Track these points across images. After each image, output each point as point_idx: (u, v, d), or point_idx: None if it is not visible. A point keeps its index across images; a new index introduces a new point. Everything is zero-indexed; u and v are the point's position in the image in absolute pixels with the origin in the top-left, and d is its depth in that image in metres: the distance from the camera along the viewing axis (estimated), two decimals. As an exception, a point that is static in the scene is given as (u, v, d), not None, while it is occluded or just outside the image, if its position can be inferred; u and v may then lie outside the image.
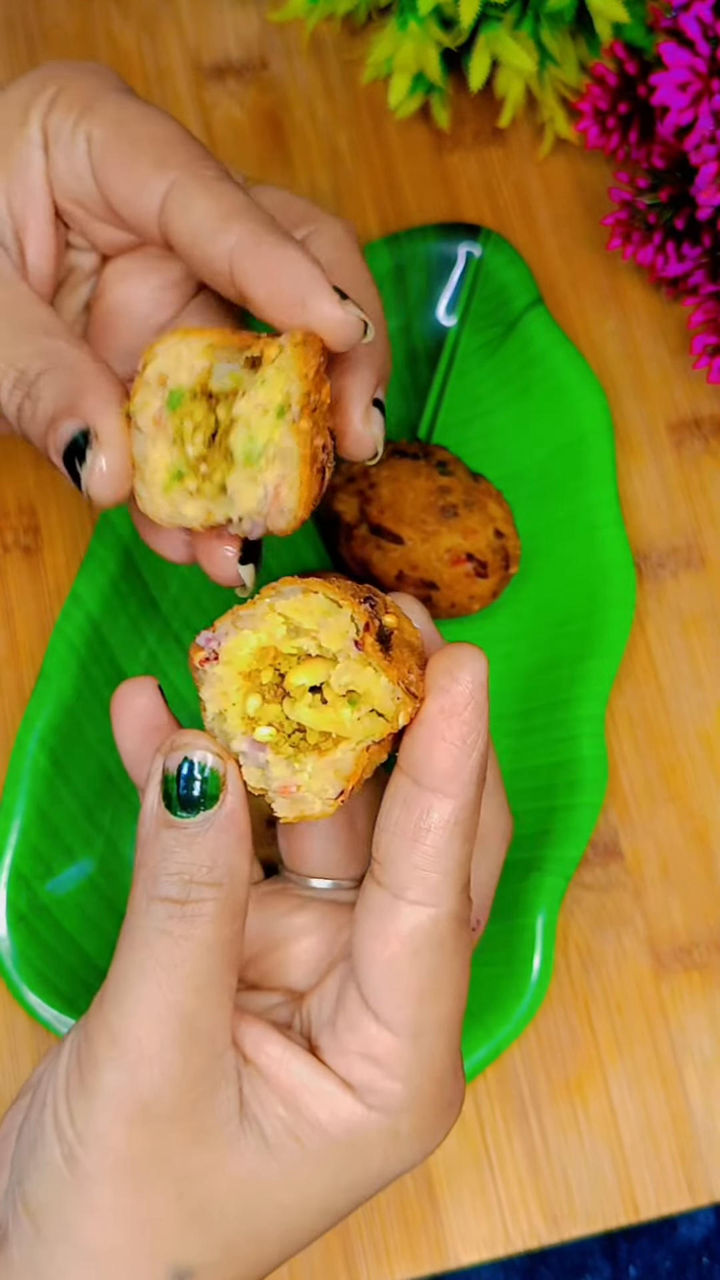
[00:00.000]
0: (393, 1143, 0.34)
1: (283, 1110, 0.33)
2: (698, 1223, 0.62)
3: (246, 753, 0.32)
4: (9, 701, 0.50)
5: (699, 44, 0.45)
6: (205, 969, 0.32)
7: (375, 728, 0.31)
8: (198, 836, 0.32)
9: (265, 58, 0.57)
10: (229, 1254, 0.33)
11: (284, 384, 0.33)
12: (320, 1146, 0.33)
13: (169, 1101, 0.32)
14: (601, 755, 0.48)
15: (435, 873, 0.32)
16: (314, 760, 0.31)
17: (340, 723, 0.31)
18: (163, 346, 0.34)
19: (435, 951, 0.32)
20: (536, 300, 0.52)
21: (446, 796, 0.32)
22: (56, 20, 0.57)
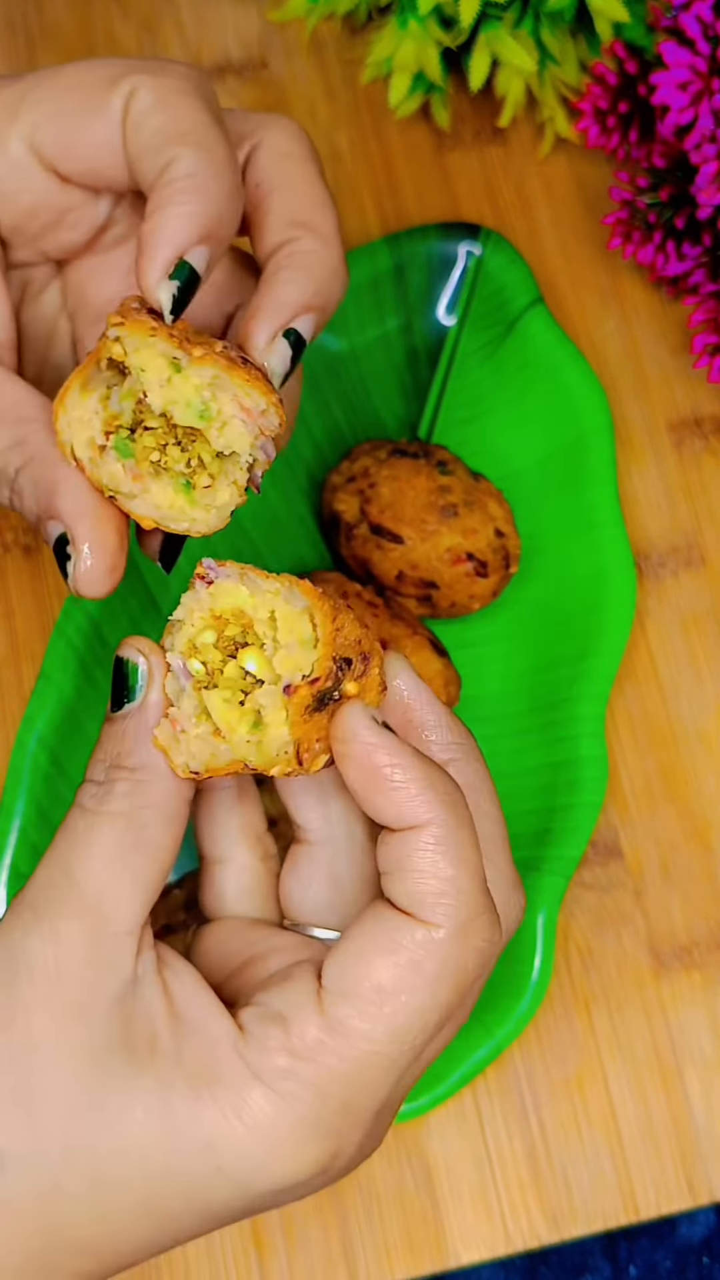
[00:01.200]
0: (236, 1115, 0.31)
1: (160, 1018, 0.32)
2: (698, 1222, 0.62)
3: (176, 668, 0.33)
4: (9, 700, 0.50)
5: (699, 43, 0.45)
6: (108, 843, 0.32)
7: (251, 755, 0.32)
8: (122, 726, 0.33)
9: (265, 57, 0.57)
10: (38, 1151, 0.31)
11: (149, 352, 0.33)
12: (167, 1068, 0.31)
13: (36, 955, 0.32)
14: (602, 755, 0.48)
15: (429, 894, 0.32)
16: (207, 729, 0.33)
17: (233, 730, 0.32)
18: (61, 428, 0.34)
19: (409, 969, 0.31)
20: (537, 300, 0.52)
21: (417, 826, 0.32)
22: (56, 20, 0.57)
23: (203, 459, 0.34)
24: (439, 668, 0.46)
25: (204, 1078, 0.31)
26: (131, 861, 0.33)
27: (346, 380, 0.52)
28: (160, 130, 0.34)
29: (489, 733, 0.50)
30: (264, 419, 0.34)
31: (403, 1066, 0.32)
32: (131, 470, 0.34)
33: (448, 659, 0.47)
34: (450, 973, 0.32)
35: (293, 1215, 0.47)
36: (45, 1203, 0.31)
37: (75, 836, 0.33)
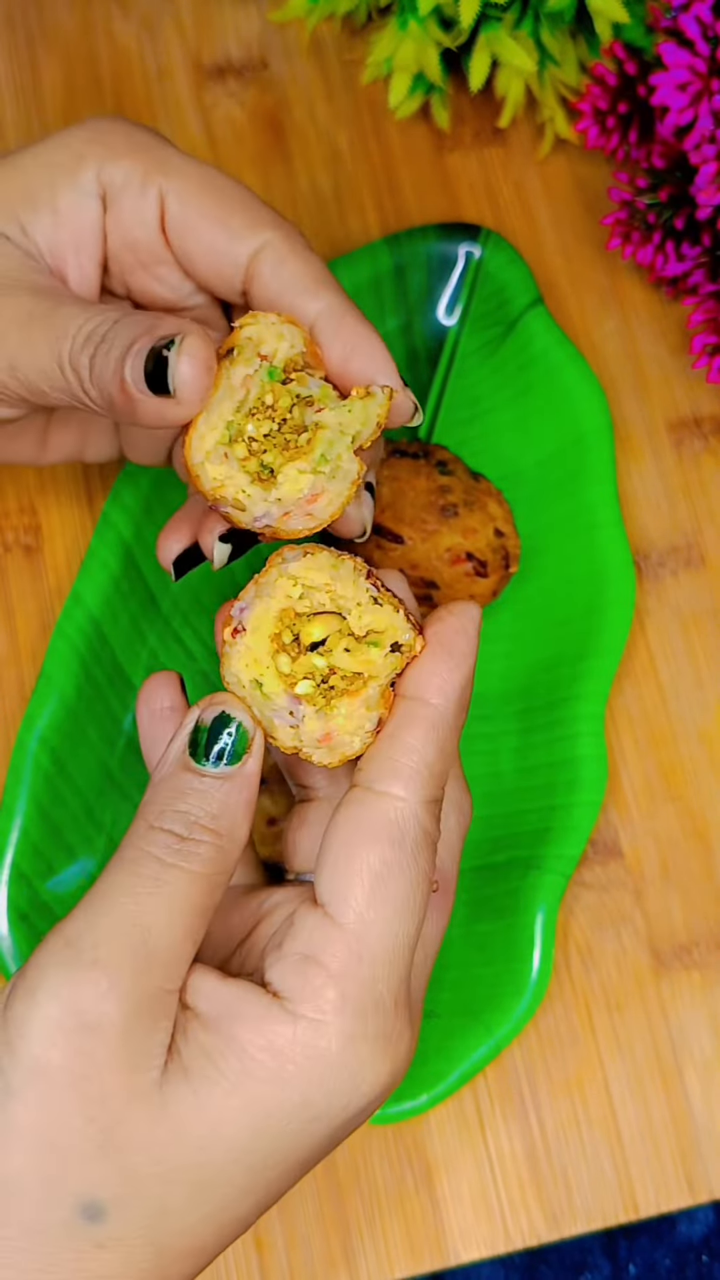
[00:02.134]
0: (316, 1065, 0.32)
1: (204, 1035, 0.33)
2: (697, 1220, 0.63)
3: (283, 709, 0.35)
4: (10, 700, 0.50)
5: (698, 44, 0.45)
6: (183, 901, 0.33)
7: (397, 661, 0.35)
8: (213, 786, 0.34)
9: (265, 58, 0.57)
10: (138, 1191, 0.32)
11: (365, 419, 0.36)
12: (236, 1067, 0.32)
13: (107, 1016, 0.32)
14: (601, 754, 0.48)
15: (406, 764, 0.34)
16: (347, 703, 0.34)
17: (371, 662, 0.34)
18: (261, 321, 0.37)
19: (393, 844, 0.33)
20: (536, 300, 0.52)
21: (424, 702, 0.34)
22: (57, 20, 0.57)
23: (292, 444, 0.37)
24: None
25: (274, 1052, 0.32)
26: (198, 923, 0.33)
27: (346, 380, 0.52)
28: (300, 276, 0.39)
29: (489, 731, 0.50)
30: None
31: (414, 941, 0.34)
32: (241, 453, 0.36)
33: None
34: (424, 840, 0.34)
35: (293, 1215, 0.47)
36: (153, 1230, 0.32)
37: (154, 887, 0.33)
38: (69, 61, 0.56)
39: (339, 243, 0.55)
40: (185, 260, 0.40)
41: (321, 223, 0.55)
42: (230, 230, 0.39)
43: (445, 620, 0.35)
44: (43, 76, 0.56)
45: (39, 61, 0.56)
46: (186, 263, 0.40)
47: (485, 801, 0.49)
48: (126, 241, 0.40)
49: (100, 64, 0.56)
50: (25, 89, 0.56)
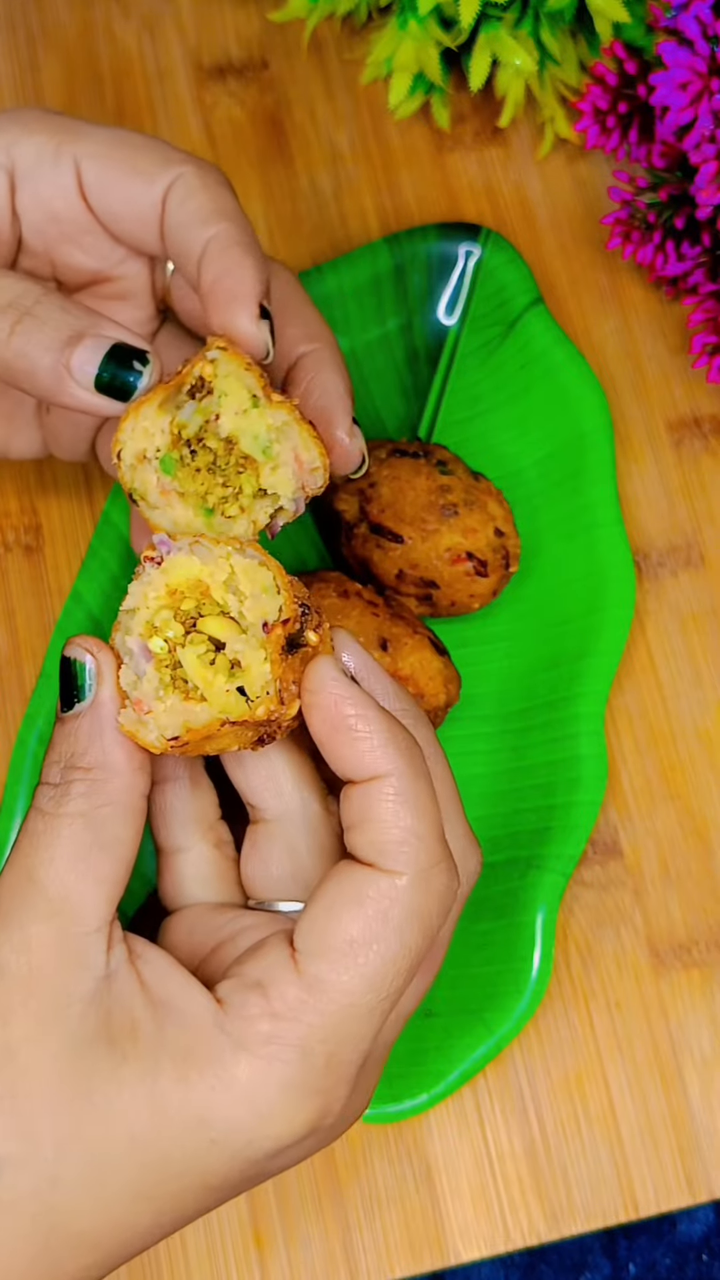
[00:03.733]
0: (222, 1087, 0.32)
1: (138, 1010, 0.33)
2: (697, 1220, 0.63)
3: (134, 653, 0.34)
4: (11, 700, 0.50)
5: (698, 44, 0.45)
6: (68, 845, 0.33)
7: (235, 707, 0.33)
8: (74, 725, 0.34)
9: (266, 58, 0.57)
10: (32, 1151, 0.32)
11: (236, 381, 0.36)
12: (151, 1056, 0.32)
13: (7, 961, 0.32)
14: (601, 753, 0.48)
15: (390, 838, 0.33)
16: (176, 699, 0.34)
17: (211, 685, 0.34)
18: (124, 434, 0.36)
19: (378, 917, 0.33)
20: (536, 300, 0.52)
21: (379, 778, 0.33)
22: (57, 20, 0.57)
23: (241, 491, 0.36)
24: (439, 667, 0.46)
25: (189, 1056, 0.32)
26: (94, 861, 0.33)
27: (347, 380, 0.52)
28: (203, 207, 0.38)
29: (489, 731, 0.50)
30: (311, 476, 0.36)
31: (381, 1015, 0.33)
32: (163, 486, 0.36)
33: (448, 658, 0.47)
34: (416, 917, 0.33)
35: (293, 1213, 0.47)
36: (43, 1199, 0.32)
37: (36, 840, 0.33)
38: (69, 61, 0.56)
39: (339, 243, 0.55)
40: (107, 218, 0.40)
41: (321, 223, 0.55)
42: (144, 174, 0.39)
43: (317, 695, 0.34)
44: (43, 76, 0.56)
45: (39, 61, 0.56)
46: (109, 220, 0.40)
47: (485, 801, 0.49)
48: (48, 214, 0.41)
49: (100, 64, 0.56)
50: (25, 89, 0.56)
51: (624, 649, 0.50)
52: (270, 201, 0.55)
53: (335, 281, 0.52)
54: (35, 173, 0.40)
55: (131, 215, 0.40)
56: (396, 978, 0.33)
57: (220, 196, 0.39)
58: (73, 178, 0.40)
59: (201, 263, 0.38)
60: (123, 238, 0.41)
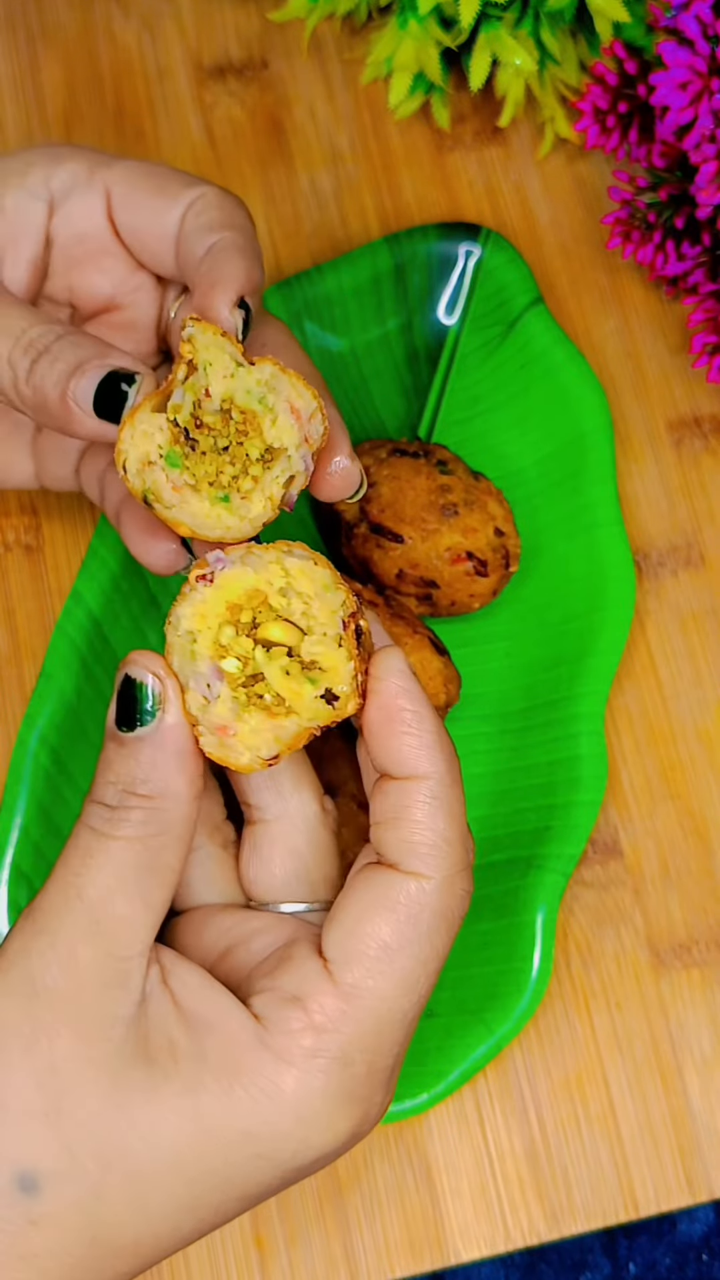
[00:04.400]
0: (268, 1101, 0.32)
1: (175, 1028, 0.33)
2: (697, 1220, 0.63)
3: (204, 675, 0.34)
4: (11, 699, 0.50)
5: (699, 43, 0.45)
6: (121, 868, 0.33)
7: (324, 713, 0.33)
8: (135, 749, 0.34)
9: (266, 57, 0.57)
10: (76, 1167, 0.32)
11: (217, 350, 0.36)
12: (193, 1072, 0.32)
13: (55, 981, 0.32)
14: (601, 753, 0.48)
15: (422, 841, 0.33)
16: (260, 718, 0.33)
17: (300, 696, 0.33)
18: (124, 443, 0.36)
19: (409, 920, 0.33)
20: (536, 299, 0.52)
21: (418, 778, 0.34)
22: (57, 20, 0.57)
23: (249, 459, 0.36)
24: (439, 667, 0.46)
25: (232, 1072, 0.32)
26: (144, 886, 0.33)
27: (347, 380, 0.52)
28: (214, 219, 0.40)
29: (489, 731, 0.50)
30: (310, 424, 0.36)
31: (414, 1018, 0.34)
32: (174, 482, 0.36)
33: (448, 658, 0.47)
34: (444, 920, 0.34)
35: (294, 1214, 0.47)
36: (86, 1213, 0.32)
37: (89, 859, 0.33)
38: (69, 61, 0.56)
39: (339, 242, 0.55)
40: (130, 237, 0.42)
41: (321, 222, 0.55)
42: (168, 194, 0.41)
43: (380, 683, 0.34)
44: (43, 76, 0.56)
45: (39, 61, 0.56)
46: (132, 239, 0.42)
47: (485, 801, 0.49)
48: (76, 235, 0.43)
49: (100, 64, 0.56)
50: (25, 89, 0.56)
51: (624, 649, 0.50)
52: (270, 201, 0.55)
53: (335, 281, 0.52)
54: (70, 196, 0.42)
55: (154, 234, 0.42)
56: (428, 978, 0.34)
57: (234, 213, 0.40)
58: (102, 200, 0.42)
59: (200, 262, 0.39)
60: (143, 257, 0.43)
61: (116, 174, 0.42)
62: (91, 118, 0.56)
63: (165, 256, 0.42)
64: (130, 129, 0.56)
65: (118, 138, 0.56)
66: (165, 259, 0.42)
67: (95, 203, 0.42)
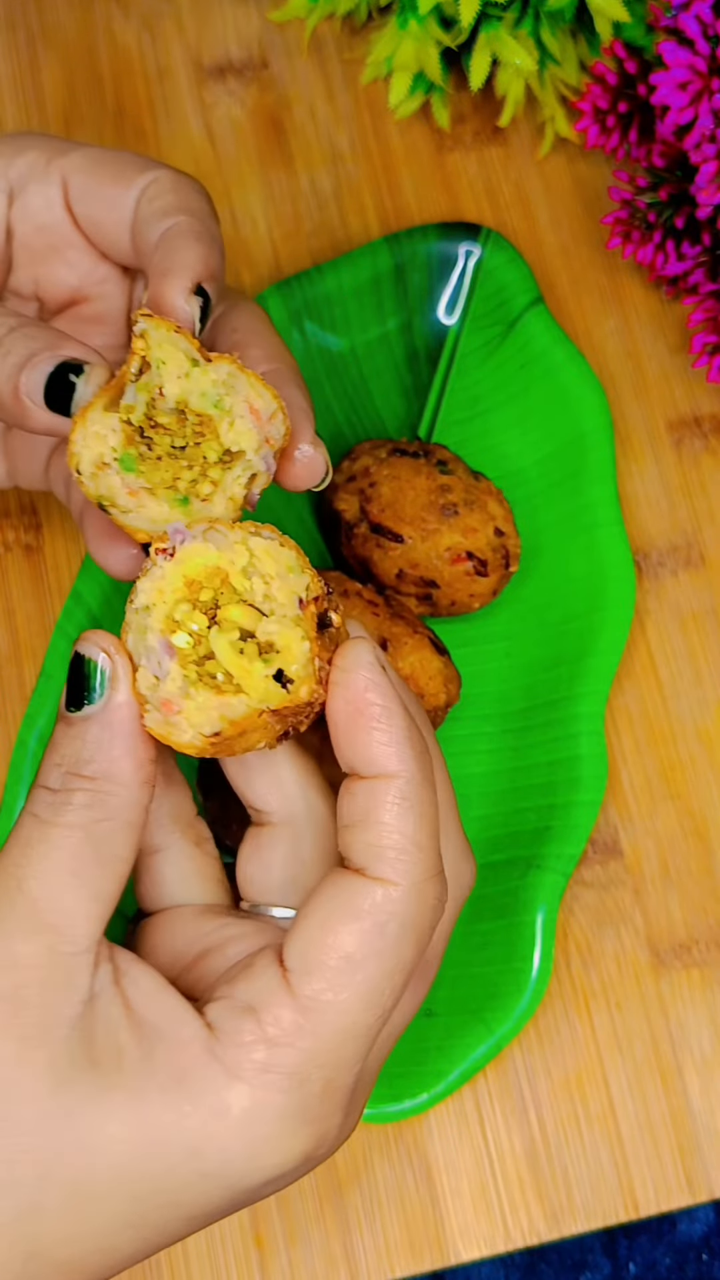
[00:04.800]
0: (215, 1118, 0.30)
1: (124, 1033, 0.31)
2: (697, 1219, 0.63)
3: (155, 650, 0.32)
4: (11, 699, 0.50)
5: (699, 43, 0.45)
6: (64, 857, 0.31)
7: (275, 694, 0.32)
8: (82, 729, 0.32)
9: (266, 57, 0.57)
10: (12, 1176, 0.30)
11: (170, 346, 0.34)
12: (139, 1082, 0.31)
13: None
14: (601, 753, 0.48)
15: (389, 845, 0.32)
16: (207, 695, 0.32)
17: (250, 673, 0.32)
18: (75, 445, 0.34)
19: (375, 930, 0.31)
20: (536, 299, 0.52)
21: (387, 777, 0.32)
22: (57, 20, 0.57)
23: (207, 462, 0.35)
24: (439, 666, 0.46)
25: (179, 1083, 0.31)
26: (89, 876, 0.32)
27: (347, 379, 0.52)
28: (169, 203, 0.39)
29: (489, 731, 0.50)
30: (271, 424, 0.35)
31: (374, 1033, 0.32)
32: (130, 486, 0.34)
33: (448, 658, 0.47)
34: (411, 930, 0.32)
35: (293, 1214, 0.47)
36: (24, 1226, 0.30)
37: (30, 849, 0.32)
38: (69, 61, 0.56)
39: (339, 242, 0.55)
40: (88, 226, 0.41)
41: (321, 222, 0.55)
42: (122, 180, 0.40)
43: (346, 675, 0.32)
44: (43, 76, 0.56)
45: (39, 61, 0.56)
46: (90, 228, 0.41)
47: (485, 801, 0.49)
48: (36, 226, 0.41)
49: (100, 64, 0.56)
50: (25, 89, 0.56)
51: (624, 649, 0.50)
52: (270, 201, 0.55)
53: (335, 281, 0.52)
54: (27, 187, 0.41)
55: (110, 219, 0.40)
56: (393, 993, 0.32)
57: (187, 196, 0.39)
58: (60, 190, 0.41)
59: (154, 250, 0.38)
60: (104, 247, 0.42)
61: (73, 162, 0.41)
62: (91, 118, 0.56)
63: (124, 245, 0.41)
64: (130, 129, 0.56)
65: (118, 138, 0.56)
66: (124, 247, 0.41)
67: (53, 193, 0.41)
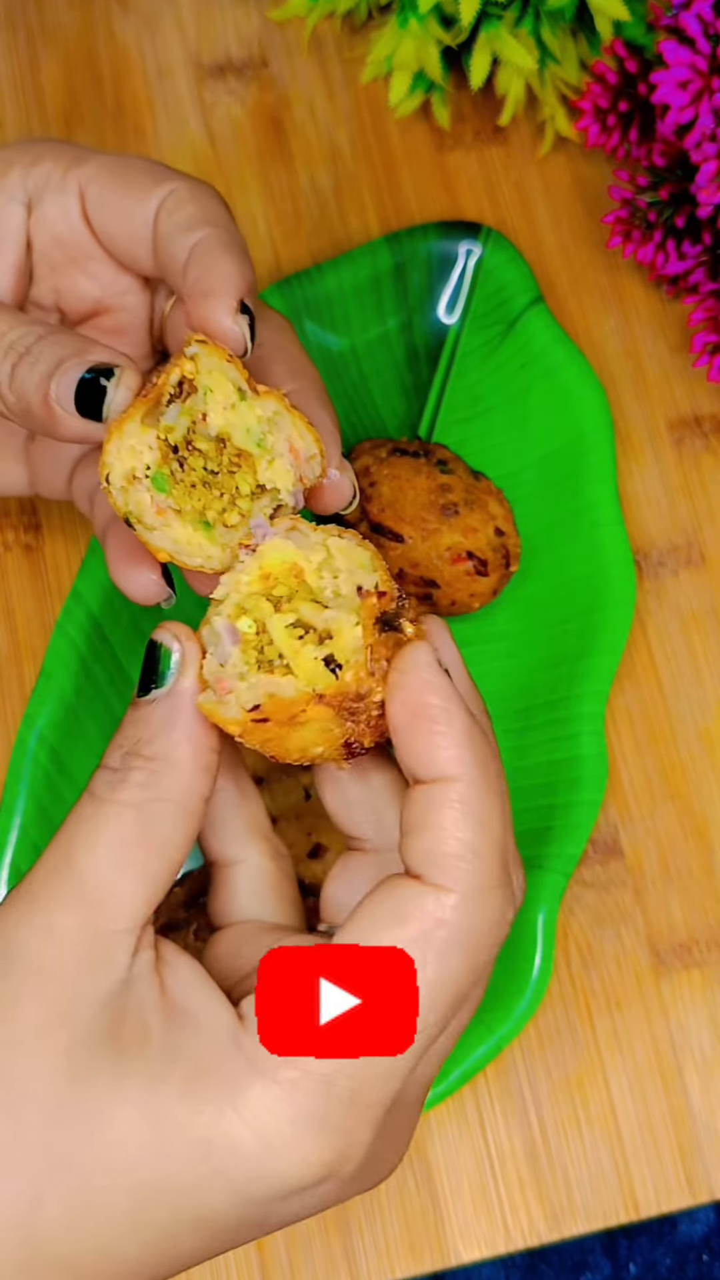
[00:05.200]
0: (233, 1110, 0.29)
1: (153, 1016, 0.31)
2: (698, 1220, 0.63)
3: (221, 636, 0.33)
4: (11, 699, 0.50)
5: (699, 42, 0.45)
6: (113, 835, 0.31)
7: (323, 677, 0.32)
8: (147, 713, 0.32)
9: (266, 56, 0.57)
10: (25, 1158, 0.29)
11: (220, 375, 0.34)
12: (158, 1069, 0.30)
13: (30, 947, 0.31)
14: (601, 753, 0.48)
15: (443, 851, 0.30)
16: (259, 675, 0.32)
17: (300, 654, 0.32)
18: (109, 455, 0.34)
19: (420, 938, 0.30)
20: (537, 299, 0.52)
21: (445, 779, 0.31)
22: (57, 19, 0.57)
23: (238, 493, 0.35)
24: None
25: (198, 1071, 0.30)
26: (138, 856, 0.31)
27: (347, 379, 0.52)
28: (190, 216, 0.38)
29: (489, 731, 0.50)
30: (308, 465, 0.35)
31: (416, 1051, 0.30)
32: (158, 504, 0.34)
33: (448, 657, 0.47)
34: (461, 943, 0.30)
35: (293, 1213, 0.47)
36: (27, 1215, 0.30)
37: (82, 824, 0.32)
38: (69, 61, 0.56)
39: (339, 241, 0.55)
40: (106, 238, 0.41)
41: (321, 221, 0.55)
42: (139, 190, 0.40)
43: (405, 676, 0.31)
44: (43, 76, 0.56)
45: (39, 61, 0.56)
46: (108, 240, 0.41)
47: (485, 800, 0.49)
48: (54, 237, 0.41)
49: (100, 63, 0.56)
50: (25, 88, 0.56)
51: (624, 649, 0.49)
52: (270, 200, 0.55)
53: (335, 280, 0.51)
54: (45, 198, 0.41)
55: (127, 233, 0.40)
56: (435, 1009, 0.30)
57: (209, 207, 0.39)
58: (77, 201, 0.41)
59: (186, 267, 0.38)
60: (121, 259, 0.41)
61: (89, 172, 0.40)
62: (91, 117, 0.56)
63: (142, 258, 0.40)
64: (130, 128, 0.56)
65: (117, 137, 0.56)
66: (142, 260, 0.40)
67: (70, 205, 0.41)
